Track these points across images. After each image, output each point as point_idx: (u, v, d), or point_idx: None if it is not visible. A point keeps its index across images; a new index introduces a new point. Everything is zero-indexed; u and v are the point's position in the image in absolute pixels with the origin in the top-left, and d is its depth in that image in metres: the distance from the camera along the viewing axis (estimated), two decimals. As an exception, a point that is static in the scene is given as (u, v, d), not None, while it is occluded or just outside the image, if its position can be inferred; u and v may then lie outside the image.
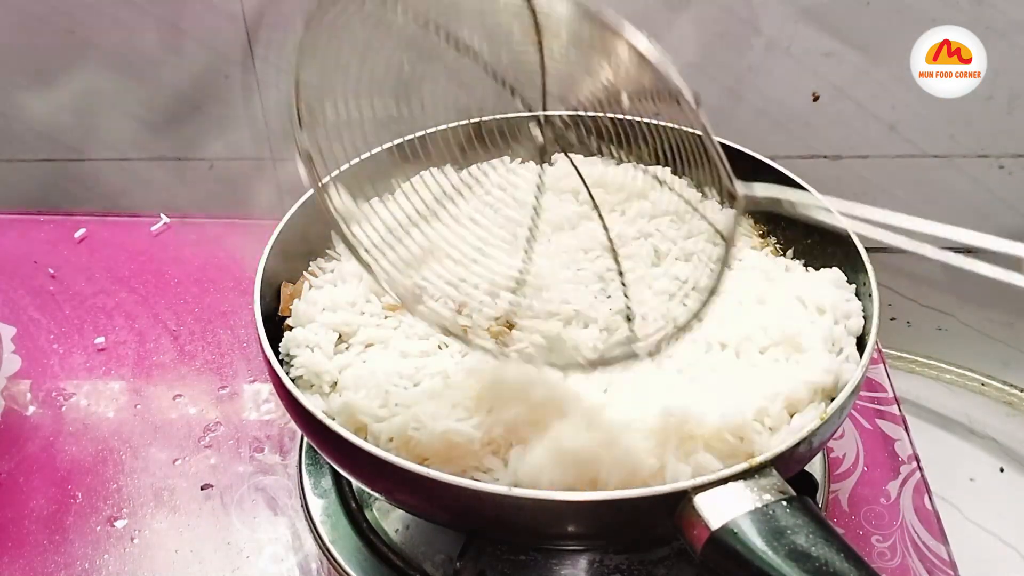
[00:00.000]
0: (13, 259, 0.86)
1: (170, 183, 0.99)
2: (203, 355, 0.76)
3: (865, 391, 0.72)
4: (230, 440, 0.69)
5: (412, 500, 0.48)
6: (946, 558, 0.60)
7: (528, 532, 0.47)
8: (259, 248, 0.56)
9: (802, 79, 0.87)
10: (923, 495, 0.64)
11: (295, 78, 0.42)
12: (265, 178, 0.98)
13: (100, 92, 0.92)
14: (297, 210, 0.59)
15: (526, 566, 0.55)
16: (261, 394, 0.72)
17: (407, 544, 0.57)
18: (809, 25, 0.83)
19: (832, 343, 0.50)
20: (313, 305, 0.54)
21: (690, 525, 0.40)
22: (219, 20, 0.86)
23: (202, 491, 0.65)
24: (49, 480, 0.66)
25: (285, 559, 0.60)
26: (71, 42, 0.89)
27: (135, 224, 0.90)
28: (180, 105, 0.93)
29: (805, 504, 0.40)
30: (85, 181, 0.99)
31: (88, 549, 0.61)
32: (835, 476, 0.65)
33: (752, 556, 0.37)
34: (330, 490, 0.60)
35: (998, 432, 0.97)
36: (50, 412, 0.71)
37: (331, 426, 0.45)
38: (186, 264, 0.86)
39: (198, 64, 0.89)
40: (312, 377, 0.51)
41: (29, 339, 0.78)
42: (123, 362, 0.76)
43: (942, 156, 0.90)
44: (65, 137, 0.96)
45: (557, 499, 0.42)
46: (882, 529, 0.62)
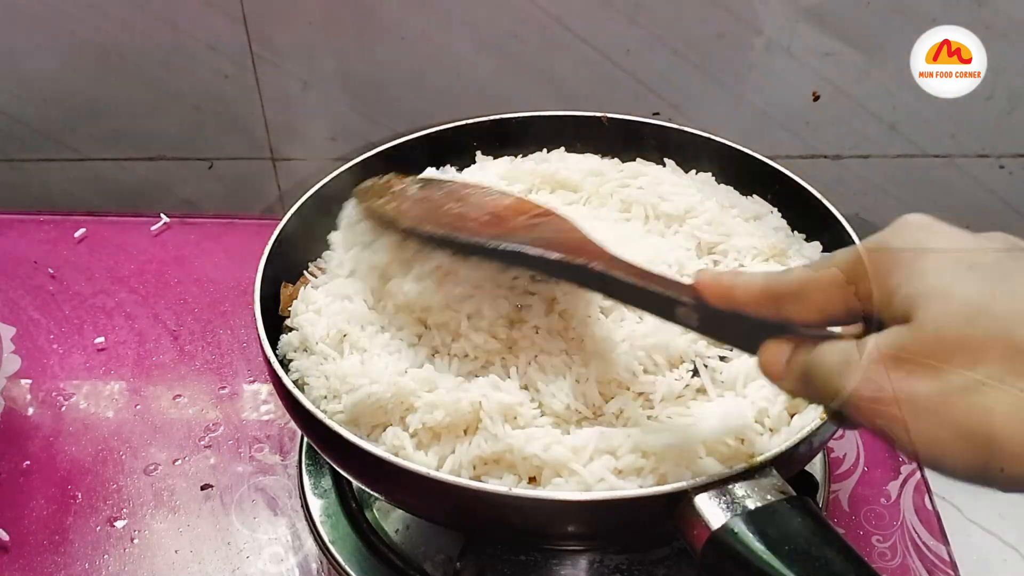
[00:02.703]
0: (13, 259, 0.86)
1: (170, 183, 0.99)
2: (203, 355, 0.76)
3: (865, 391, 0.72)
4: (230, 440, 0.69)
5: (412, 500, 0.48)
6: (946, 558, 0.60)
7: (528, 532, 0.47)
8: (259, 248, 0.56)
9: (802, 79, 0.87)
10: (923, 495, 0.64)
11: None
12: (265, 178, 0.98)
13: (100, 91, 0.92)
14: (297, 210, 0.59)
15: (526, 566, 0.55)
16: (261, 394, 0.72)
17: (407, 544, 0.57)
18: (809, 25, 0.83)
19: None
20: (311, 305, 0.54)
21: (690, 525, 0.40)
22: (219, 20, 0.86)
23: (202, 491, 0.65)
24: (49, 480, 0.66)
25: (285, 559, 0.60)
26: (71, 42, 0.89)
27: (135, 224, 0.90)
28: (180, 105, 0.93)
29: (805, 504, 0.40)
30: (85, 181, 0.99)
31: (88, 549, 0.61)
32: (835, 476, 0.65)
33: (752, 556, 0.37)
34: (330, 490, 0.60)
35: (998, 432, 0.97)
36: (50, 412, 0.71)
37: (331, 426, 0.45)
38: (186, 264, 0.86)
39: (198, 64, 0.89)
40: (311, 379, 0.51)
41: (29, 339, 0.78)
42: (123, 362, 0.76)
43: (942, 156, 0.90)
44: (65, 137, 0.96)
45: (557, 499, 0.42)
46: (882, 529, 0.62)
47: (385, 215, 0.53)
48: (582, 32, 0.85)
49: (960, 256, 0.32)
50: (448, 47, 0.87)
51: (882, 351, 0.32)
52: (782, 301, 0.36)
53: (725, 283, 0.38)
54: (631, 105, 0.88)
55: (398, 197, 0.55)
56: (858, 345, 0.33)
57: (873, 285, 0.33)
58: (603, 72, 0.87)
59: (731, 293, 0.37)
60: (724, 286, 0.38)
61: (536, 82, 0.88)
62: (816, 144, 0.91)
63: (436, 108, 0.90)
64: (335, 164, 0.62)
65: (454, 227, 0.50)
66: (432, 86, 0.89)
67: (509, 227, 0.50)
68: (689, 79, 0.87)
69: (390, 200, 0.55)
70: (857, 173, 0.92)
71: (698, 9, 0.83)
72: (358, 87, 0.90)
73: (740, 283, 0.37)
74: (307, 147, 0.95)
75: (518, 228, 0.49)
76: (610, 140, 0.66)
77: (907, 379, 0.31)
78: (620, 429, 0.45)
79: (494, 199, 0.54)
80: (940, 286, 0.31)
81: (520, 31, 0.85)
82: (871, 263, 0.33)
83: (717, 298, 0.38)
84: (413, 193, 0.55)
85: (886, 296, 0.32)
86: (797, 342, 0.36)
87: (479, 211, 0.52)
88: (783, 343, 0.37)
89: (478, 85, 0.89)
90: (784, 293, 0.36)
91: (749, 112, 0.89)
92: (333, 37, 0.87)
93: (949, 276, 0.31)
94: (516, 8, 0.84)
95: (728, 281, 0.38)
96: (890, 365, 0.31)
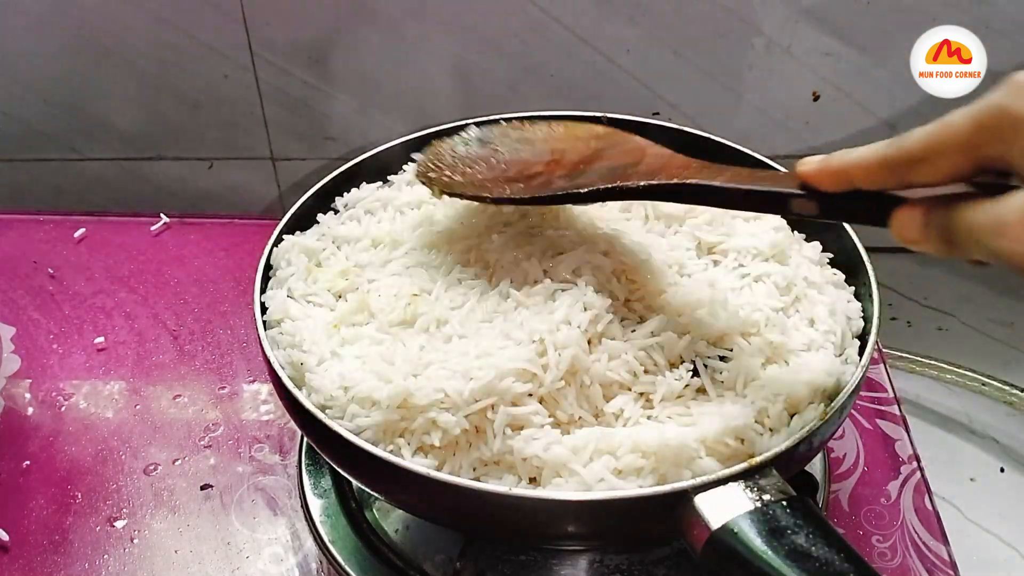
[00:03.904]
0: (13, 259, 0.86)
1: (170, 183, 0.99)
2: (203, 355, 0.76)
3: (865, 391, 0.72)
4: (230, 440, 0.69)
5: (412, 500, 0.48)
6: (946, 558, 0.60)
7: (528, 532, 0.47)
8: (259, 248, 0.56)
9: (802, 79, 0.87)
10: (923, 495, 0.64)
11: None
12: (265, 178, 0.98)
13: (100, 91, 0.92)
14: (297, 210, 0.59)
15: (526, 566, 0.55)
16: (261, 394, 0.72)
17: (407, 544, 0.57)
18: (809, 25, 0.83)
19: (832, 343, 0.50)
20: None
21: (690, 525, 0.40)
22: (219, 20, 0.86)
23: (202, 491, 0.65)
24: (49, 480, 0.66)
25: (285, 559, 0.60)
26: (71, 42, 0.89)
27: (135, 224, 0.90)
28: (180, 105, 0.93)
29: (805, 504, 0.40)
30: (85, 181, 0.99)
31: (88, 549, 0.61)
32: (835, 476, 0.65)
33: (752, 556, 0.37)
34: (330, 490, 0.60)
35: (998, 432, 0.97)
36: (50, 412, 0.71)
37: (331, 426, 0.45)
38: (186, 264, 0.85)
39: (198, 64, 0.89)
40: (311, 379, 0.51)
41: (29, 339, 0.78)
42: (123, 362, 0.76)
43: (942, 156, 0.90)
44: (65, 137, 0.96)
45: (557, 499, 0.42)
46: (882, 529, 0.62)
47: (455, 189, 0.53)
48: (582, 32, 0.85)
49: None
50: (448, 47, 0.87)
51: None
52: (905, 170, 0.36)
53: (837, 166, 0.37)
54: (631, 105, 0.88)
55: (456, 166, 0.54)
56: (1003, 203, 0.33)
57: (1005, 148, 0.33)
58: (603, 72, 0.87)
59: (847, 175, 0.37)
60: (837, 170, 0.37)
61: (536, 82, 0.88)
62: (816, 144, 0.91)
63: (436, 108, 0.90)
64: (335, 164, 0.62)
65: (530, 185, 0.50)
66: (432, 86, 0.89)
67: (578, 162, 0.50)
68: (689, 79, 0.87)
69: (450, 171, 0.54)
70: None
71: (698, 9, 0.83)
72: (358, 87, 0.90)
73: (854, 162, 0.37)
74: (307, 147, 0.95)
75: (585, 160, 0.50)
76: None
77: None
78: (620, 429, 0.45)
79: (545, 138, 0.54)
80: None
81: (520, 31, 0.85)
82: (996, 126, 0.33)
83: (832, 183, 0.38)
84: (467, 154, 0.55)
85: (1021, 158, 0.32)
86: (929, 204, 0.36)
87: (541, 157, 0.52)
88: (915, 209, 0.36)
89: (478, 85, 0.89)
90: (906, 161, 0.35)
91: (749, 112, 0.89)
92: (333, 37, 0.87)
93: None
94: (516, 8, 0.84)
95: (839, 164, 0.37)
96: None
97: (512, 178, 0.51)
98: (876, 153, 0.36)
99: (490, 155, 0.54)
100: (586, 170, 0.50)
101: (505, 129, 0.56)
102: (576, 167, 0.50)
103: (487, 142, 0.55)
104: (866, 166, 0.37)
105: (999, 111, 0.33)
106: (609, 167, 0.49)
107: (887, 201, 0.37)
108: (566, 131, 0.54)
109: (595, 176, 0.49)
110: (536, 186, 0.50)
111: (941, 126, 0.35)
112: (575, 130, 0.54)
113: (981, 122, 0.33)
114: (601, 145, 0.52)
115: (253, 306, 0.52)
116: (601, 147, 0.52)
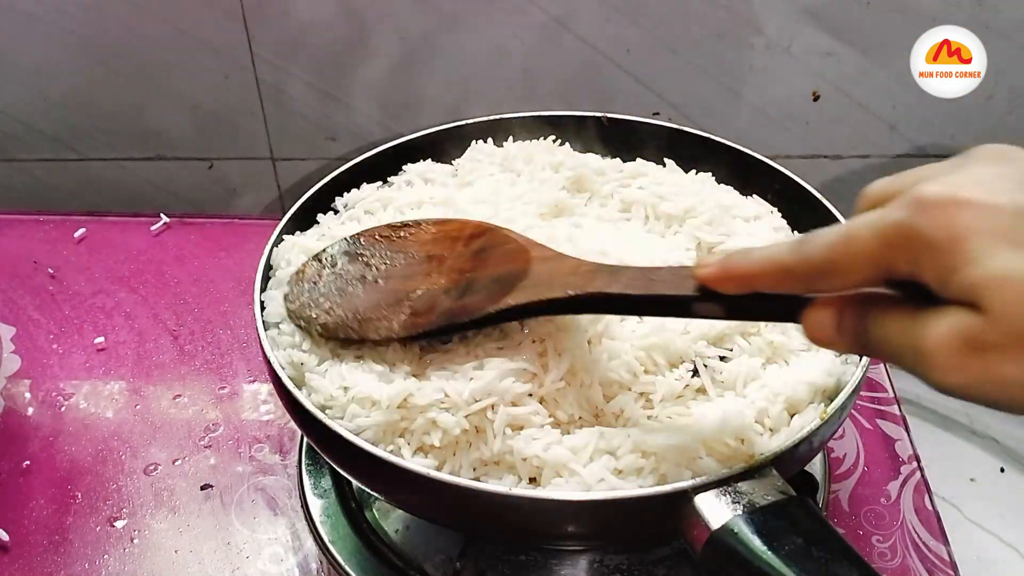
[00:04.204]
0: (13, 259, 0.86)
1: (170, 183, 1.00)
2: (203, 355, 0.76)
3: (865, 391, 0.72)
4: (230, 440, 0.69)
5: (412, 500, 0.48)
6: (946, 558, 0.60)
7: (528, 532, 0.47)
8: (259, 248, 0.56)
9: (802, 79, 0.87)
10: (923, 495, 0.64)
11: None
12: (265, 178, 0.98)
13: (100, 91, 0.92)
14: (297, 210, 0.59)
15: (526, 566, 0.55)
16: (261, 394, 0.72)
17: (407, 544, 0.57)
18: (809, 25, 0.83)
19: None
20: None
21: (690, 525, 0.40)
22: (219, 20, 0.86)
23: (202, 491, 0.65)
24: (49, 480, 0.66)
25: (285, 559, 0.60)
26: (71, 41, 0.89)
27: (135, 224, 0.90)
28: (180, 105, 0.93)
29: (805, 504, 0.40)
30: (85, 181, 0.99)
31: (88, 549, 0.61)
32: (835, 476, 0.65)
33: (752, 556, 0.37)
34: (330, 490, 0.60)
35: (998, 432, 0.97)
36: (50, 412, 0.71)
37: (331, 426, 0.45)
38: (186, 264, 0.86)
39: (198, 64, 0.89)
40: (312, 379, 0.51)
41: (29, 339, 0.78)
42: (123, 362, 0.76)
43: (942, 156, 0.90)
44: (65, 137, 0.96)
45: (557, 499, 0.42)
46: (882, 529, 0.62)
47: (338, 332, 0.49)
48: (582, 32, 0.85)
49: (1016, 227, 0.28)
50: (448, 47, 0.87)
51: (955, 340, 0.29)
52: (809, 280, 0.33)
53: (738, 272, 0.35)
54: (631, 105, 0.88)
55: (331, 293, 0.50)
56: (922, 324, 0.30)
57: (922, 266, 0.29)
58: (603, 72, 0.87)
59: (748, 281, 0.35)
60: (738, 276, 0.35)
61: (535, 83, 0.88)
62: (816, 144, 0.91)
63: (436, 108, 0.90)
64: (335, 164, 0.62)
65: (415, 306, 0.47)
66: (432, 86, 0.89)
67: (460, 270, 0.48)
68: (689, 79, 0.87)
69: (326, 300, 0.50)
70: (857, 173, 0.92)
71: (698, 9, 0.83)
72: (358, 87, 0.90)
73: (755, 269, 0.35)
74: (307, 147, 0.95)
75: (466, 267, 0.48)
76: (610, 140, 0.67)
77: (990, 366, 0.28)
78: (620, 429, 0.45)
79: (418, 243, 0.51)
80: (1008, 272, 0.28)
81: (520, 31, 0.85)
82: (905, 247, 0.30)
83: (735, 287, 0.36)
84: (340, 272, 0.52)
85: (939, 277, 0.29)
86: (841, 304, 0.33)
87: (419, 267, 0.49)
88: (827, 310, 0.34)
89: (478, 85, 0.89)
90: (809, 272, 0.33)
91: (749, 112, 0.89)
92: (333, 37, 0.87)
93: (1014, 260, 0.28)
94: (516, 8, 0.84)
95: (740, 270, 0.35)
96: (965, 352, 0.29)
97: (393, 302, 0.48)
98: (777, 262, 0.34)
99: (363, 271, 0.51)
100: (472, 283, 0.47)
101: (371, 239, 0.53)
102: (460, 278, 0.48)
103: (357, 255, 0.52)
104: (768, 274, 0.34)
105: (908, 231, 0.30)
106: (494, 278, 0.46)
107: (796, 302, 0.35)
108: (438, 231, 0.51)
109: (483, 293, 0.46)
110: (422, 310, 0.47)
111: (845, 239, 0.31)
112: (447, 229, 0.51)
113: (888, 241, 0.30)
114: (480, 245, 0.49)
115: (253, 306, 0.52)
116: (480, 248, 0.49)
